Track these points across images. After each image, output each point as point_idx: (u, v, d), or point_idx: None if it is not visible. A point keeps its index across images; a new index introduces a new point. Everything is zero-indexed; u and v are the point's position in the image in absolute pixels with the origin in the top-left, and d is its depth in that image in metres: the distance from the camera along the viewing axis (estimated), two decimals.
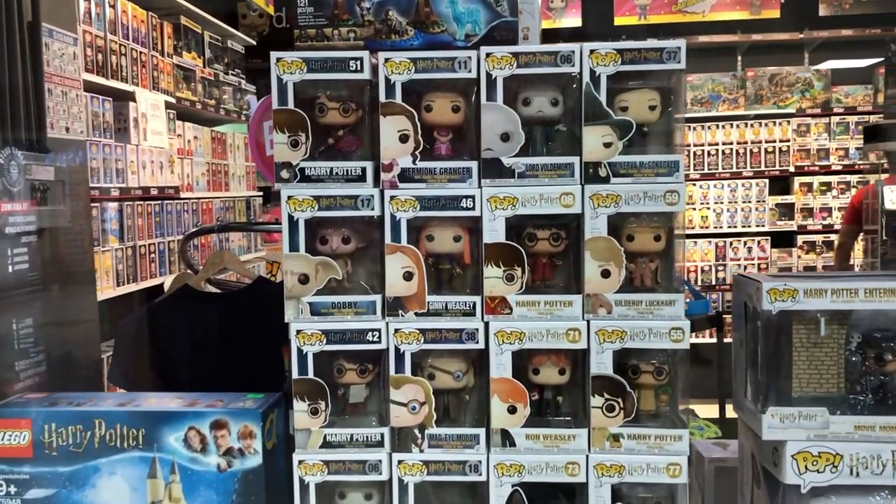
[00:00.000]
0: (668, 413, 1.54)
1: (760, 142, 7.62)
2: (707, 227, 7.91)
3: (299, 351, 1.51)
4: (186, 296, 2.31)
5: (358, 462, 1.52)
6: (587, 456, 1.50)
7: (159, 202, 5.00)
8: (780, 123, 7.58)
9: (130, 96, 4.69)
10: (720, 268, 7.79)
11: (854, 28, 7.40)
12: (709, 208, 7.74)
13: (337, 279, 1.53)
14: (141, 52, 4.84)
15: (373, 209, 1.50)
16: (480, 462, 1.51)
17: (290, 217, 1.50)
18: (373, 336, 1.51)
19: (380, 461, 1.52)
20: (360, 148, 1.53)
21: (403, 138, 1.49)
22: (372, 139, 1.52)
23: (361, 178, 1.50)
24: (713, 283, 7.72)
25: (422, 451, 1.52)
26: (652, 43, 1.44)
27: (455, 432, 1.52)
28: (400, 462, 1.52)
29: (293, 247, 1.51)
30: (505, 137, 1.47)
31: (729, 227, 7.68)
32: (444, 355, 1.54)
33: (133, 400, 1.62)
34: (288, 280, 1.52)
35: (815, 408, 1.52)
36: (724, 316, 7.55)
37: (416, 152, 1.49)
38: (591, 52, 1.44)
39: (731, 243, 7.66)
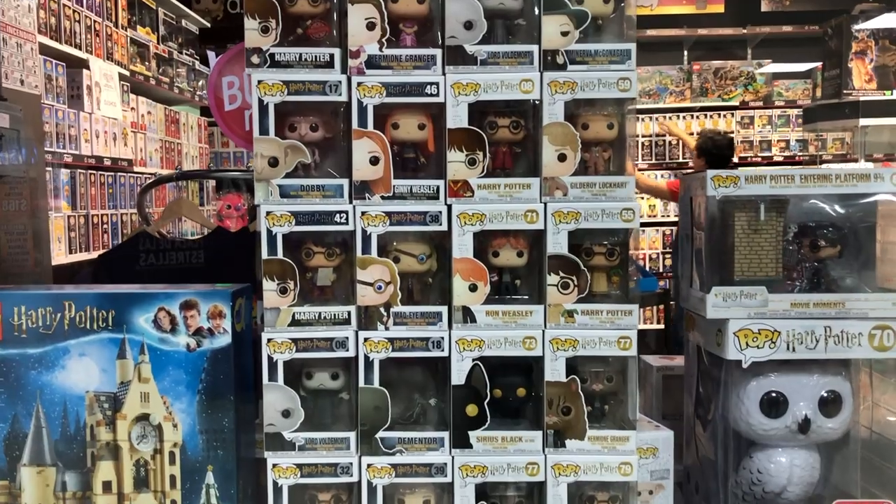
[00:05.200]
0: (619, 294, 1.63)
1: None
2: (654, 216, 8.12)
3: (268, 232, 1.56)
4: (143, 244, 2.30)
5: (325, 339, 1.57)
6: (543, 331, 1.58)
7: (112, 173, 4.97)
8: (724, 115, 7.84)
9: (84, 64, 4.67)
10: (667, 255, 7.99)
11: (794, 24, 7.71)
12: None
13: (304, 162, 1.59)
14: (95, 21, 4.83)
15: (340, 94, 1.56)
16: (443, 338, 1.58)
17: (261, 101, 1.56)
18: (340, 217, 1.57)
19: (346, 338, 1.57)
20: (328, 35, 1.59)
21: (370, 26, 1.56)
22: (340, 26, 1.59)
23: (329, 64, 1.57)
24: (661, 270, 7.91)
25: (387, 328, 1.58)
26: None
27: (419, 310, 1.58)
28: (366, 339, 1.58)
29: (263, 130, 1.57)
30: (468, 25, 1.55)
31: (676, 215, 7.88)
32: (408, 239, 1.60)
33: (102, 287, 1.65)
34: (258, 163, 1.57)
35: (755, 287, 1.63)
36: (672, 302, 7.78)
37: (383, 40, 1.56)
38: None
39: (677, 232, 7.86)
